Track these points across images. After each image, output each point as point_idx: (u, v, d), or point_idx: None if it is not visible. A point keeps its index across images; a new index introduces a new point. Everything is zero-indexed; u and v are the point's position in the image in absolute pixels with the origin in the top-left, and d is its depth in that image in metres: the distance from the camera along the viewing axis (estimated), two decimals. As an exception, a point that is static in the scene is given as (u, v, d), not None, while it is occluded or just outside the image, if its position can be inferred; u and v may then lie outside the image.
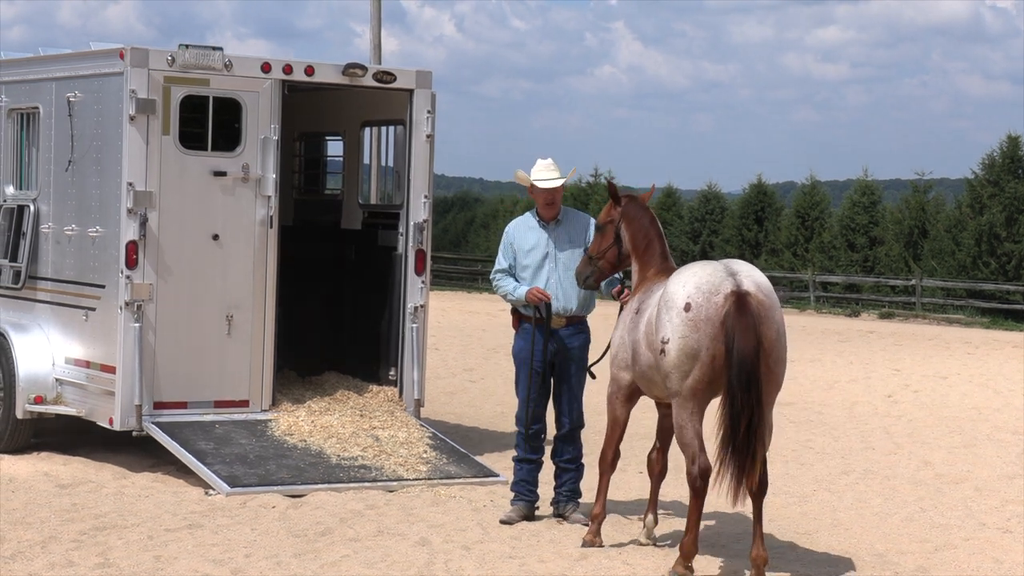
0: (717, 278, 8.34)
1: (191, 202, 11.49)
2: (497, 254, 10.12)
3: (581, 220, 10.06)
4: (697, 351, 8.27)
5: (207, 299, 11.58)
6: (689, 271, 8.53)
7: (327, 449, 11.25)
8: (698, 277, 8.39)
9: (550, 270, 9.87)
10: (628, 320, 9.07)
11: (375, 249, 12.93)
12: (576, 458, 10.11)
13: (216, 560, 8.66)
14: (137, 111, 11.23)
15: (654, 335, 8.53)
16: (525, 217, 10.12)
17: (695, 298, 8.29)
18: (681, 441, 8.51)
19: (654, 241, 9.21)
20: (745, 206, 45.48)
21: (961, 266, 38.00)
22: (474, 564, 8.78)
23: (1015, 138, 38.83)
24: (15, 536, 9.12)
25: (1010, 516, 10.82)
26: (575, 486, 10.14)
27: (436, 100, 12.33)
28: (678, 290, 8.40)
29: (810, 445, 13.92)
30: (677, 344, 8.31)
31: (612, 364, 9.23)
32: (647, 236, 9.21)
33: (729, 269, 8.43)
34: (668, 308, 8.40)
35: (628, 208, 9.36)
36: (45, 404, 12.01)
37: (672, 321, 8.34)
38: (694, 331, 8.26)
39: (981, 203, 38.60)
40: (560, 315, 9.85)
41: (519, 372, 9.98)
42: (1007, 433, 15.15)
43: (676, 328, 8.32)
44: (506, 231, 10.13)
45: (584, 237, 9.92)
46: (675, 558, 8.63)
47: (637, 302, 9.04)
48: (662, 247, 9.23)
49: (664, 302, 8.46)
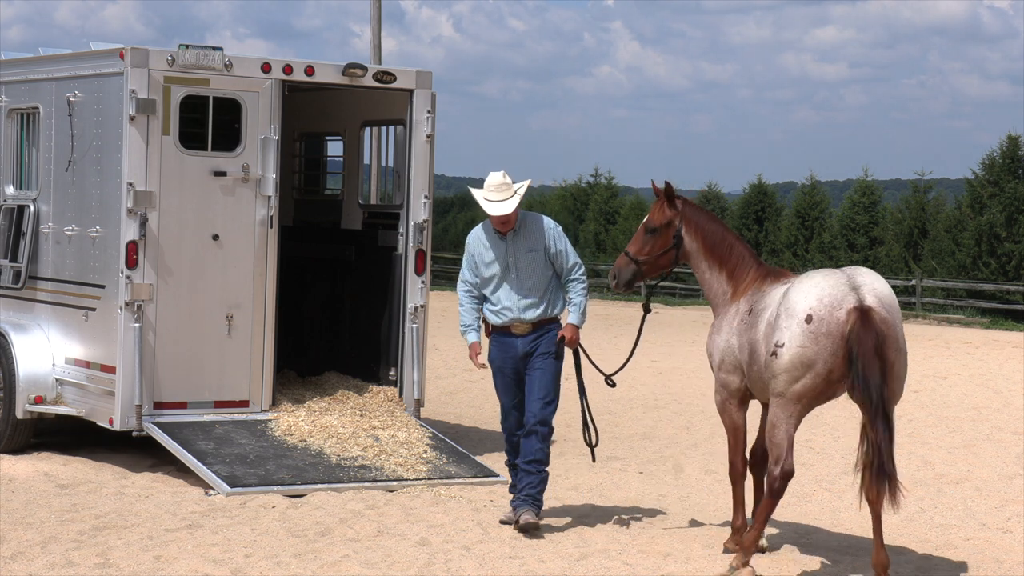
0: (840, 291, 8.35)
1: (191, 202, 11.49)
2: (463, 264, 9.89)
3: (538, 223, 9.74)
4: (813, 362, 8.31)
5: (207, 299, 11.58)
6: (811, 280, 8.53)
7: (327, 449, 11.25)
8: (820, 288, 8.40)
9: (511, 281, 9.65)
10: (736, 323, 8.95)
11: (375, 249, 12.93)
12: (537, 460, 9.67)
13: (216, 560, 8.67)
14: (137, 111, 11.23)
15: (771, 337, 8.51)
16: (484, 227, 9.85)
17: (817, 311, 8.32)
18: (771, 439, 8.54)
19: (736, 244, 9.18)
20: (745, 206, 45.52)
21: (961, 266, 38.01)
22: (474, 564, 8.78)
23: (1015, 138, 38.84)
24: (15, 536, 9.12)
25: (1010, 516, 10.82)
26: (534, 492, 9.64)
27: (436, 100, 12.34)
28: (800, 300, 8.41)
29: (810, 445, 13.92)
30: (793, 352, 8.33)
31: (719, 369, 9.08)
32: (725, 240, 9.17)
33: (853, 282, 8.43)
34: (789, 315, 8.42)
35: (689, 211, 9.27)
36: (45, 404, 12.01)
37: (791, 329, 8.36)
38: (813, 343, 8.30)
39: (981, 203, 38.60)
40: (524, 323, 9.66)
41: (495, 379, 9.88)
42: (1007, 433, 15.15)
43: (795, 337, 8.34)
44: (468, 240, 9.89)
45: (543, 240, 9.65)
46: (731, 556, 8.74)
47: (747, 304, 8.94)
48: (748, 248, 9.21)
49: (785, 308, 8.47)
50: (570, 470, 11.94)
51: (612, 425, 14.90)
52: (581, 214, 49.37)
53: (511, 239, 9.71)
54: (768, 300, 8.77)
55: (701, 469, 12.40)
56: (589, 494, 11.12)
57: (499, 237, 9.73)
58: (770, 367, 8.46)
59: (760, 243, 44.48)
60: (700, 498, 11.14)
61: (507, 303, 9.68)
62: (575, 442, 12.43)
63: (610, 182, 49.77)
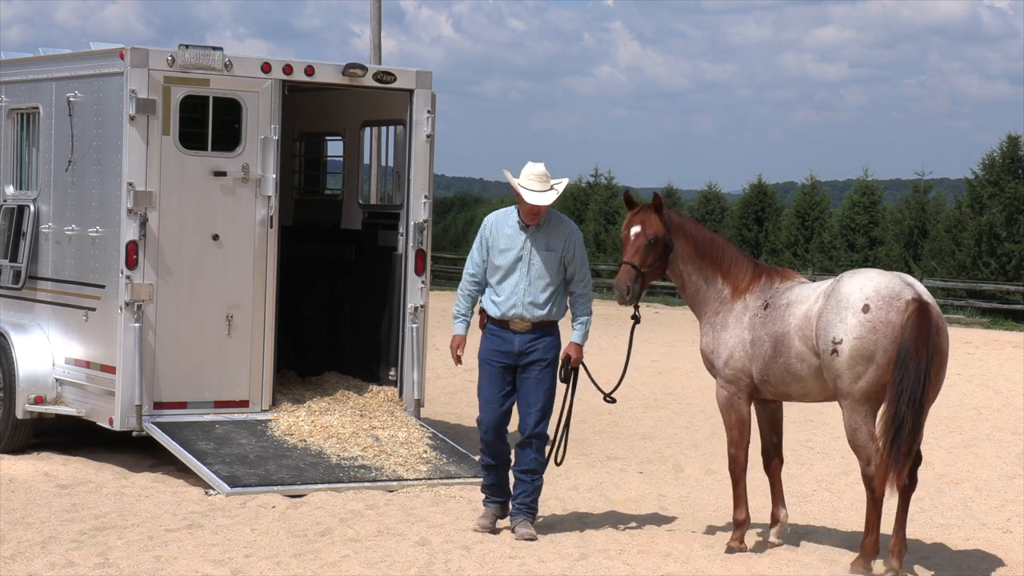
0: (896, 285, 8.56)
1: (191, 202, 11.49)
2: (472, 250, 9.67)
3: (562, 224, 9.58)
4: (873, 353, 8.45)
5: (207, 299, 11.58)
6: (864, 275, 8.71)
7: (327, 449, 11.25)
8: (876, 281, 8.60)
9: (521, 275, 9.46)
10: (748, 319, 9.08)
11: (375, 249, 12.93)
12: (532, 470, 9.58)
13: (216, 560, 8.67)
14: (137, 111, 11.23)
15: (820, 333, 8.62)
16: (506, 214, 9.64)
17: (874, 300, 8.48)
18: (855, 443, 8.72)
19: (726, 245, 9.35)
20: (745, 206, 45.48)
21: (961, 266, 37.98)
22: (474, 564, 8.78)
23: (1015, 138, 38.81)
24: (15, 536, 9.12)
25: (1010, 516, 10.82)
26: (528, 500, 9.59)
27: (436, 100, 12.34)
28: (855, 292, 8.56)
29: (810, 445, 13.92)
30: (852, 345, 8.47)
31: (726, 366, 9.18)
32: (715, 242, 9.33)
33: (904, 279, 8.66)
34: (842, 308, 8.56)
35: (675, 219, 9.40)
36: (45, 404, 12.01)
37: (847, 322, 8.50)
38: (872, 333, 8.44)
39: (981, 203, 38.57)
40: (524, 320, 9.50)
41: (481, 370, 9.66)
42: (1007, 433, 15.15)
43: (852, 329, 8.47)
44: (484, 223, 9.66)
45: (561, 245, 9.49)
46: (853, 558, 8.89)
47: (758, 299, 9.10)
48: (738, 248, 9.39)
49: (836, 302, 8.60)
50: (570, 470, 11.93)
51: (612, 425, 14.91)
52: (581, 214, 49.30)
53: (531, 233, 9.49)
54: (793, 296, 8.95)
55: (701, 469, 12.40)
56: (589, 494, 11.12)
57: (520, 228, 9.51)
58: (831, 367, 8.57)
59: (760, 243, 44.45)
60: (700, 498, 11.14)
61: (513, 297, 9.48)
62: (574, 443, 12.43)
63: (610, 182, 49.70)
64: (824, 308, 8.67)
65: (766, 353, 8.95)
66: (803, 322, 8.76)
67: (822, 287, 8.89)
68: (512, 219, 9.57)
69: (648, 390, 17.99)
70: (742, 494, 9.34)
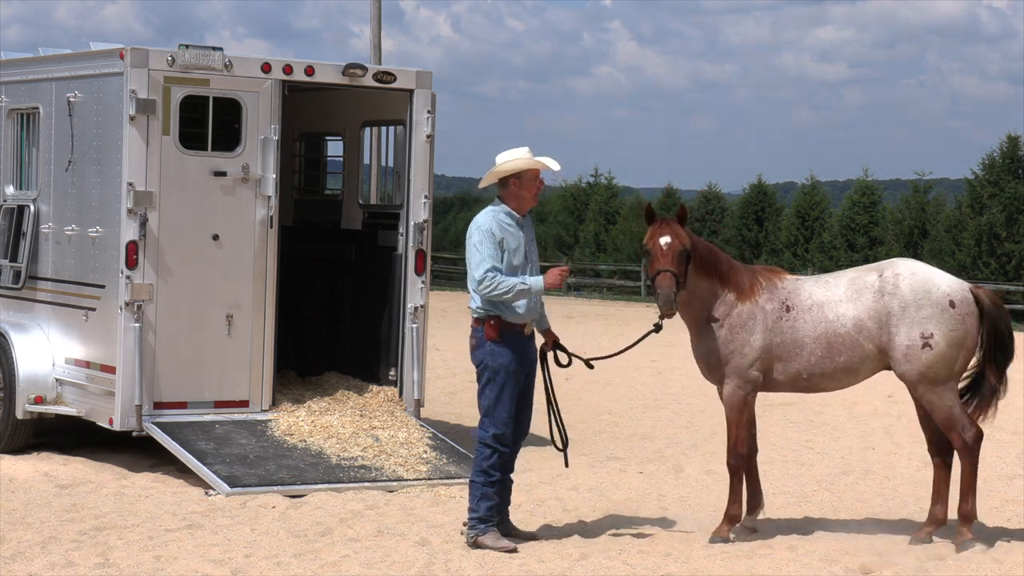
0: (953, 279, 9.53)
1: (191, 202, 11.49)
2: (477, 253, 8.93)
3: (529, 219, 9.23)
4: (963, 340, 9.43)
5: (207, 299, 11.58)
6: (925, 270, 9.52)
7: (327, 449, 11.25)
8: (939, 275, 9.52)
9: (530, 273, 9.09)
10: (770, 323, 9.43)
11: (375, 249, 12.93)
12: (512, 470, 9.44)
13: (216, 560, 8.66)
14: (137, 111, 11.23)
15: (902, 330, 9.31)
16: (495, 213, 9.05)
17: (956, 294, 9.43)
18: (948, 420, 9.53)
19: (719, 252, 9.69)
20: (745, 206, 45.48)
21: (961, 266, 37.99)
22: (474, 564, 8.77)
23: (1015, 138, 38.83)
24: (15, 536, 9.12)
25: (1010, 516, 10.81)
26: (509, 499, 9.44)
27: (436, 100, 12.34)
28: (932, 290, 9.39)
29: (810, 445, 13.91)
30: (949, 338, 9.36)
31: (750, 367, 9.45)
32: (711, 250, 9.65)
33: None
34: (924, 306, 9.35)
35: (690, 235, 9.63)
36: (45, 404, 12.02)
37: (937, 317, 9.35)
38: (961, 324, 9.41)
39: (981, 203, 38.59)
40: (532, 321, 9.19)
41: (504, 384, 9.04)
42: (1007, 433, 15.13)
43: (944, 323, 9.35)
44: (488, 229, 8.94)
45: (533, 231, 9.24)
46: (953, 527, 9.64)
47: (773, 302, 9.48)
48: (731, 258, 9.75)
49: (914, 300, 9.35)
50: (570, 470, 11.92)
51: (612, 425, 14.90)
52: (581, 214, 49.32)
53: (524, 227, 9.11)
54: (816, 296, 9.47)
55: (701, 469, 12.39)
56: (589, 494, 11.11)
57: (517, 225, 9.06)
58: (918, 359, 9.32)
59: (760, 243, 44.46)
60: (700, 498, 11.13)
61: (532, 299, 9.08)
62: (574, 443, 12.40)
63: (610, 182, 49.70)
64: (896, 307, 9.33)
65: (813, 354, 9.46)
66: (865, 322, 9.36)
67: (855, 285, 9.48)
68: (504, 217, 9.04)
69: (648, 390, 17.98)
70: (739, 489, 9.61)
